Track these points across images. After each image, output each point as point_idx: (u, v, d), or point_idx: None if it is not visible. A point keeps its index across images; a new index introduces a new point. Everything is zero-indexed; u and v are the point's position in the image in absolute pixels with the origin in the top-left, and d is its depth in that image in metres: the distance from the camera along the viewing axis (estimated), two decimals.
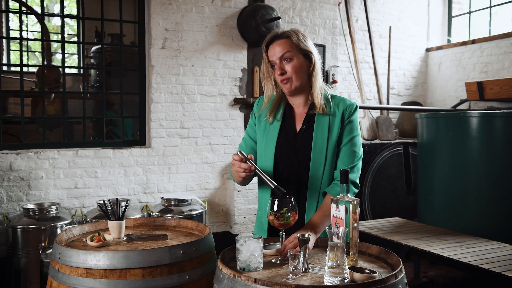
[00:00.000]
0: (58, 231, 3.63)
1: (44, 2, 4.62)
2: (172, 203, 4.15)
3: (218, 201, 4.78)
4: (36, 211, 3.69)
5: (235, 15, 4.79)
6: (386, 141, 5.23)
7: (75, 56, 8.30)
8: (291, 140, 2.02)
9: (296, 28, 2.03)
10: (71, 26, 9.28)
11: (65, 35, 6.29)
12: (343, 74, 5.78)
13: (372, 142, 5.15)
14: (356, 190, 1.97)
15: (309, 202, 1.97)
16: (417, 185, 4.43)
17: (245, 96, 4.86)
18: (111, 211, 2.09)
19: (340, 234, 1.57)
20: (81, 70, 6.59)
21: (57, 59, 7.47)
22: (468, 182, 3.81)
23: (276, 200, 1.71)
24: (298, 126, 2.04)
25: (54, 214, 3.73)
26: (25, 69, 6.51)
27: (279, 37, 1.97)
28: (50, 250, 3.32)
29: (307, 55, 1.98)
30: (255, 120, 2.14)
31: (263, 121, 2.09)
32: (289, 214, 1.70)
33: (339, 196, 1.69)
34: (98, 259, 1.75)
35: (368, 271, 1.52)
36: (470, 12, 6.27)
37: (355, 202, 1.65)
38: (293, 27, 2.05)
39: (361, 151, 2.01)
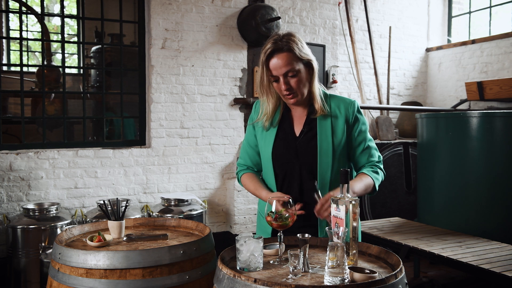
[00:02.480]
0: (58, 231, 3.63)
1: (44, 2, 4.62)
2: (172, 203, 4.15)
3: (218, 201, 4.78)
4: (36, 211, 3.69)
5: (235, 15, 4.79)
6: (386, 141, 5.23)
7: (75, 56, 8.30)
8: (291, 143, 2.01)
9: (292, 32, 1.94)
10: (71, 26, 9.28)
11: (65, 35, 6.29)
12: (343, 74, 5.78)
13: None
14: (383, 177, 2.03)
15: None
16: (417, 185, 4.43)
17: (245, 96, 4.86)
18: (111, 211, 2.09)
19: (340, 234, 1.57)
20: (81, 70, 6.59)
21: (57, 59, 7.48)
22: (468, 182, 3.81)
23: (274, 201, 1.71)
24: (298, 128, 2.02)
25: (54, 214, 3.73)
26: (25, 69, 6.51)
27: (281, 50, 1.88)
28: (50, 250, 3.32)
29: (308, 63, 1.94)
30: (254, 130, 2.12)
31: (261, 126, 2.08)
32: (287, 215, 1.70)
33: (339, 196, 1.69)
34: (98, 259, 1.75)
35: (368, 271, 1.52)
36: (470, 12, 6.27)
37: (355, 202, 1.65)
38: (290, 32, 1.94)
39: (375, 146, 2.06)
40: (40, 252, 3.34)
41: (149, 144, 4.49)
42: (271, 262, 1.70)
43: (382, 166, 2.04)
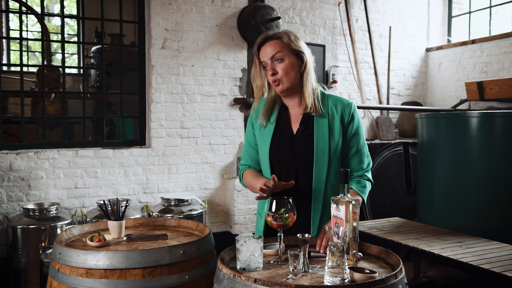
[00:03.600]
0: (58, 231, 3.63)
1: (44, 2, 4.62)
2: (172, 203, 4.15)
3: (218, 201, 4.78)
4: (36, 211, 3.69)
5: (235, 15, 4.79)
6: (386, 141, 5.23)
7: (75, 56, 8.30)
8: (288, 141, 2.01)
9: (289, 30, 2.02)
10: (71, 26, 9.29)
11: (65, 35, 6.29)
12: (343, 74, 5.78)
13: (372, 142, 5.15)
14: (370, 187, 2.04)
15: (314, 205, 1.97)
16: (417, 185, 4.43)
17: (245, 96, 4.86)
18: (111, 211, 2.09)
19: (340, 234, 1.58)
20: (81, 70, 6.59)
21: (57, 59, 7.47)
22: (468, 182, 3.81)
23: (274, 201, 1.71)
24: (295, 127, 2.03)
25: (54, 214, 3.73)
26: (25, 69, 6.51)
27: (270, 38, 1.97)
28: (50, 250, 3.32)
29: (299, 55, 1.97)
30: (252, 129, 2.14)
31: (258, 124, 2.09)
32: (287, 215, 1.70)
33: (339, 196, 1.69)
34: (98, 259, 1.75)
35: (368, 271, 1.52)
36: (470, 12, 6.27)
37: (355, 202, 1.65)
38: (285, 29, 2.05)
39: (368, 151, 2.06)
40: (40, 252, 3.34)
41: (149, 144, 4.49)
42: (271, 262, 1.70)
43: (370, 175, 2.05)
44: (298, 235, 1.61)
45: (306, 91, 1.98)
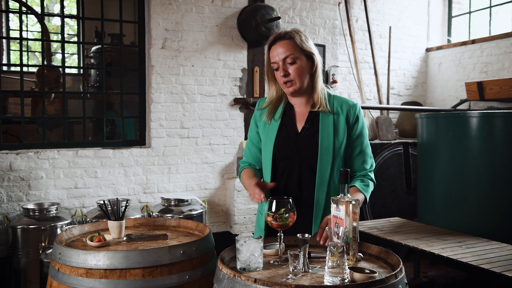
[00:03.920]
0: (58, 231, 3.63)
1: (44, 2, 4.62)
2: (172, 203, 4.15)
3: (218, 201, 4.78)
4: (36, 211, 3.69)
5: (235, 15, 4.79)
6: (386, 141, 5.23)
7: (75, 56, 8.30)
8: (293, 138, 2.02)
9: (298, 28, 2.03)
10: (71, 26, 9.29)
11: (65, 35, 6.29)
12: (343, 74, 5.78)
13: (372, 142, 5.15)
14: (373, 188, 2.06)
15: (316, 202, 1.97)
16: (417, 185, 4.43)
17: (245, 96, 4.86)
18: (111, 211, 2.09)
19: (340, 234, 1.58)
20: (81, 70, 6.59)
21: (57, 59, 7.47)
22: (468, 182, 3.81)
23: (274, 201, 1.71)
24: (300, 125, 2.04)
25: (54, 214, 3.73)
26: (25, 69, 6.51)
27: (282, 38, 1.97)
28: (50, 250, 3.32)
29: (310, 56, 1.99)
30: (257, 127, 2.14)
31: (263, 121, 2.10)
32: (287, 215, 1.70)
33: (339, 196, 1.69)
34: (98, 259, 1.75)
35: (368, 271, 1.52)
36: (470, 12, 6.27)
37: (355, 202, 1.65)
38: (294, 27, 2.06)
39: (371, 152, 2.09)
40: (40, 252, 3.34)
41: (149, 144, 4.49)
42: (271, 262, 1.70)
43: (373, 175, 2.07)
44: (298, 235, 1.61)
45: (316, 92, 2.01)
